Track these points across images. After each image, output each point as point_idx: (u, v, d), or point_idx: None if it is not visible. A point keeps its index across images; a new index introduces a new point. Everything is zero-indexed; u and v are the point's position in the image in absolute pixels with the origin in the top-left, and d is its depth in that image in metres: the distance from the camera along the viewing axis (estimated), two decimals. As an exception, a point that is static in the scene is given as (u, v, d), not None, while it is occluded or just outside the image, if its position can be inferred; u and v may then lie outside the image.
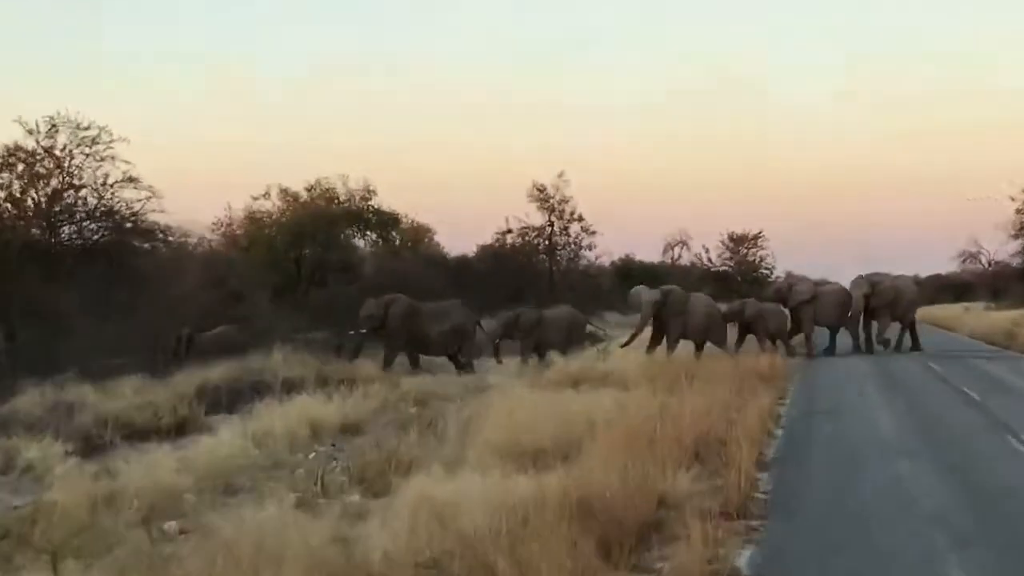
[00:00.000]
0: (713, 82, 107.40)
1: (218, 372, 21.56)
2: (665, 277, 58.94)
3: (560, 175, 48.64)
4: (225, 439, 15.34)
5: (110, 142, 29.61)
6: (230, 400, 19.75)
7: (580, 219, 49.24)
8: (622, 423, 13.45)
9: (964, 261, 74.35)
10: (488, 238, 49.52)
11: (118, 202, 29.79)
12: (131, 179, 29.74)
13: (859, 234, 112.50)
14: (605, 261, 57.20)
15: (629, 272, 56.86)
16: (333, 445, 15.88)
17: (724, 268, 64.60)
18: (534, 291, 45.88)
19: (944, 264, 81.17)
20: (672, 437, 12.53)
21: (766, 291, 36.15)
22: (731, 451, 12.08)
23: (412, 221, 46.81)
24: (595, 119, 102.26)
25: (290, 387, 20.45)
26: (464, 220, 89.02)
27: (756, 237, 64.98)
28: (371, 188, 33.88)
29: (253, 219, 33.41)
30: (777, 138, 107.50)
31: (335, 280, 34.84)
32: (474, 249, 49.76)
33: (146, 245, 30.58)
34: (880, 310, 32.39)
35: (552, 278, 48.27)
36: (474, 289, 43.61)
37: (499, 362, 27.80)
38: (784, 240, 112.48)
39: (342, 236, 33.55)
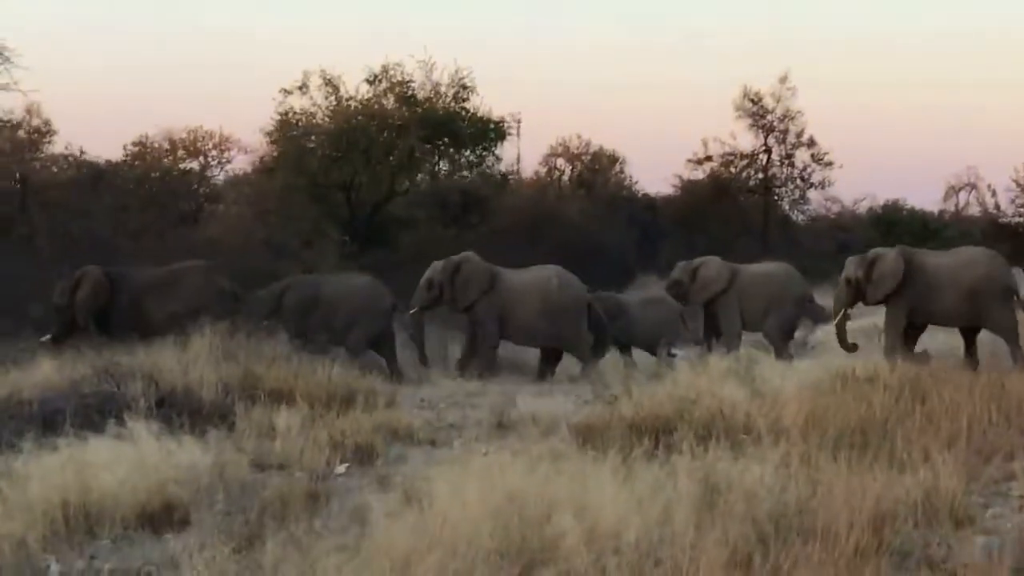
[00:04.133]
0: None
1: (45, 370, 10.89)
2: (942, 231, 44.01)
3: (783, 80, 34.64)
4: None
5: None
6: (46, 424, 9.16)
7: (810, 144, 35.24)
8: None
9: None
10: (679, 167, 35.39)
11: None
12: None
13: None
14: (862, 207, 43.36)
15: (894, 223, 42.35)
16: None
17: (1020, 220, 45.91)
18: (744, 244, 33.63)
19: None
20: None
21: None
22: None
23: (585, 144, 34.42)
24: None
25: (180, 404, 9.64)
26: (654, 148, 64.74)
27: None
28: (464, 81, 21.60)
29: (284, 123, 21.96)
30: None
31: (431, 220, 23.52)
32: (671, 187, 35.71)
33: None
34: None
35: (767, 226, 34.72)
36: (661, 240, 33.42)
37: None
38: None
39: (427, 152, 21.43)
